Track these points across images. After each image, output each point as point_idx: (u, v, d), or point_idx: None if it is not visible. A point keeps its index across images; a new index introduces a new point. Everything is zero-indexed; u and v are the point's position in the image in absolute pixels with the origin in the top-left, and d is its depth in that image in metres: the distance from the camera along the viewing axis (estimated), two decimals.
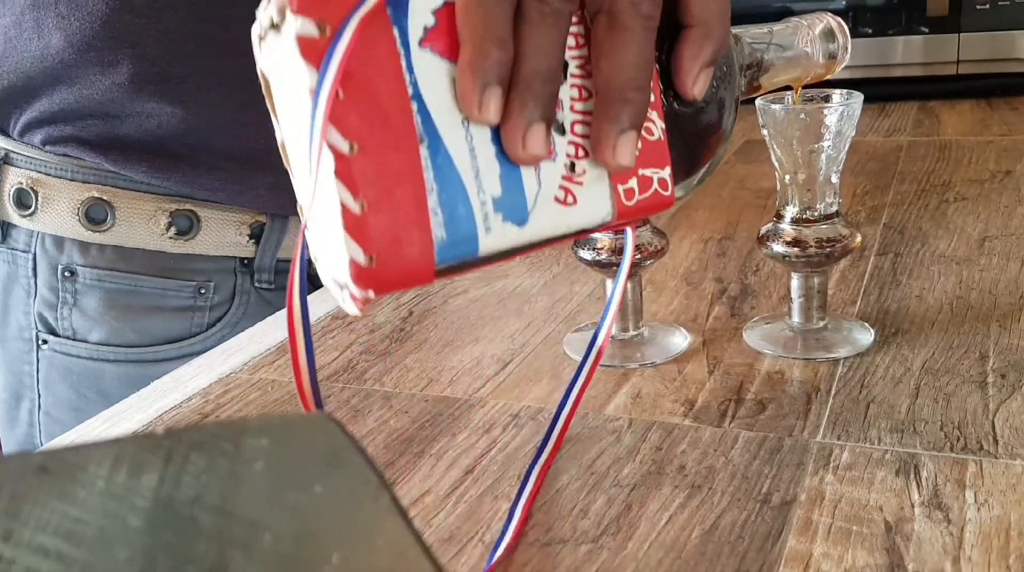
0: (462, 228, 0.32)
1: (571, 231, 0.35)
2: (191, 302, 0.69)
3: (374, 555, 0.19)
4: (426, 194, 0.31)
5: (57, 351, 0.69)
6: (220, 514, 0.19)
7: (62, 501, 0.18)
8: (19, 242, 0.68)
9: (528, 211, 0.33)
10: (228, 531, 0.19)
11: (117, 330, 0.68)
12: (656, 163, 0.36)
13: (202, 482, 0.19)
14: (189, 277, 0.69)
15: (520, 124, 0.32)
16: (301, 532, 0.19)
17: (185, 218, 0.67)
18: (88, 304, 0.68)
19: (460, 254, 0.32)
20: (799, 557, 0.35)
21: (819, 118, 0.47)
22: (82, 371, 0.69)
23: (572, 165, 0.34)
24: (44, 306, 0.69)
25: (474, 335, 0.58)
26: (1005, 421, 0.42)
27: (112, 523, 0.18)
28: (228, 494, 0.19)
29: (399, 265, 0.31)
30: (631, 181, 0.35)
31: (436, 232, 0.31)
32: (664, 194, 0.36)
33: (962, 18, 1.15)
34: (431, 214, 0.31)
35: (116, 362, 0.69)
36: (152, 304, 0.68)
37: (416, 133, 0.31)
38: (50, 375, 0.70)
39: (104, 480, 0.19)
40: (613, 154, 0.33)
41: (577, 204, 0.34)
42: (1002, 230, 0.68)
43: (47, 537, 0.18)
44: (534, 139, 0.32)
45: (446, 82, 0.31)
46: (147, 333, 0.68)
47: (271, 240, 0.71)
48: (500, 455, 0.44)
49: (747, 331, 0.54)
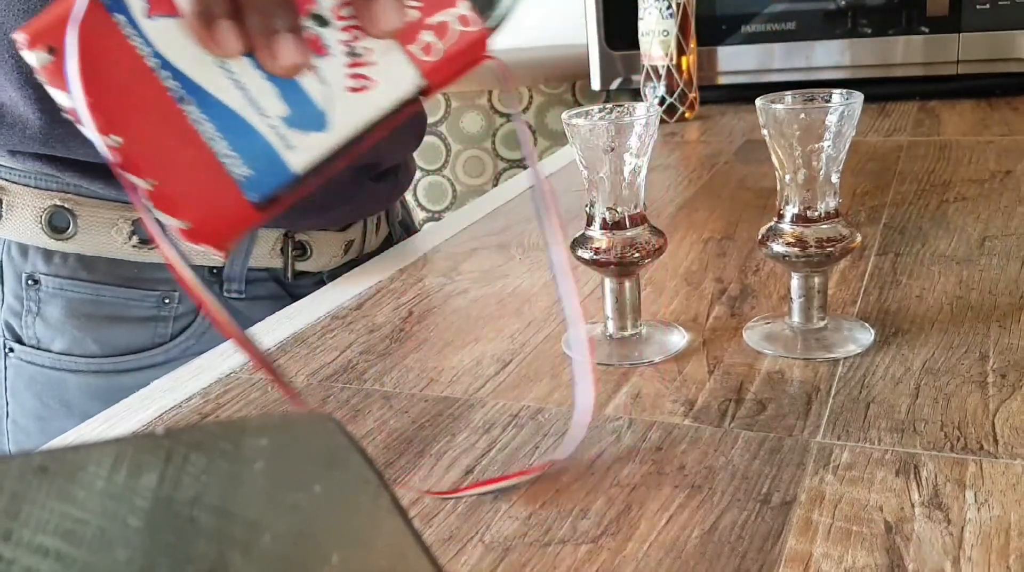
0: (264, 158, 0.33)
1: (388, 111, 0.35)
2: (154, 312, 0.68)
3: (374, 555, 0.19)
4: (209, 146, 0.33)
5: (23, 360, 0.69)
6: (220, 514, 0.19)
7: (62, 501, 0.18)
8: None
9: (324, 113, 0.34)
10: (228, 531, 0.19)
11: (78, 340, 0.67)
12: (444, 5, 0.35)
13: (202, 482, 0.19)
14: (152, 286, 0.68)
15: (263, 43, 0.32)
16: (301, 532, 0.19)
17: None
18: (51, 313, 0.67)
19: (276, 182, 0.34)
20: (799, 557, 0.35)
21: (819, 118, 0.47)
22: (45, 380, 0.68)
23: (352, 51, 0.34)
24: (10, 314, 0.68)
25: (474, 335, 0.58)
26: (1005, 421, 0.42)
27: (112, 523, 0.18)
28: (228, 494, 0.19)
29: (217, 217, 0.33)
30: (421, 35, 0.34)
31: (239, 172, 0.33)
32: (471, 30, 0.35)
33: (962, 18, 1.15)
34: (225, 159, 0.33)
35: (77, 372, 0.68)
36: (114, 314, 0.67)
37: (174, 98, 0.33)
38: (16, 383, 0.70)
39: (104, 480, 0.19)
40: (377, 23, 0.33)
41: (378, 84, 0.34)
42: (1002, 230, 0.68)
43: (47, 537, 0.18)
44: (283, 50, 0.32)
45: (185, 39, 0.32)
46: (108, 343, 0.68)
47: (239, 250, 0.70)
48: (500, 455, 0.44)
49: (747, 331, 0.54)
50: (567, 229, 0.77)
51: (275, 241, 0.71)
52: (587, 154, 0.50)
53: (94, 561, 0.18)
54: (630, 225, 0.51)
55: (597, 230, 0.52)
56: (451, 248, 0.77)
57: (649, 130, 0.50)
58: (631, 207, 0.51)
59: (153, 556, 0.18)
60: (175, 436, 0.20)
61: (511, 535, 0.38)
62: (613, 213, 0.51)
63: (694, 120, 1.22)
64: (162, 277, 0.68)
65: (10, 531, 0.18)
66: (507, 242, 0.76)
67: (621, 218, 0.51)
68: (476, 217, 0.85)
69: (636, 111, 0.51)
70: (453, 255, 0.75)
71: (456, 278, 0.69)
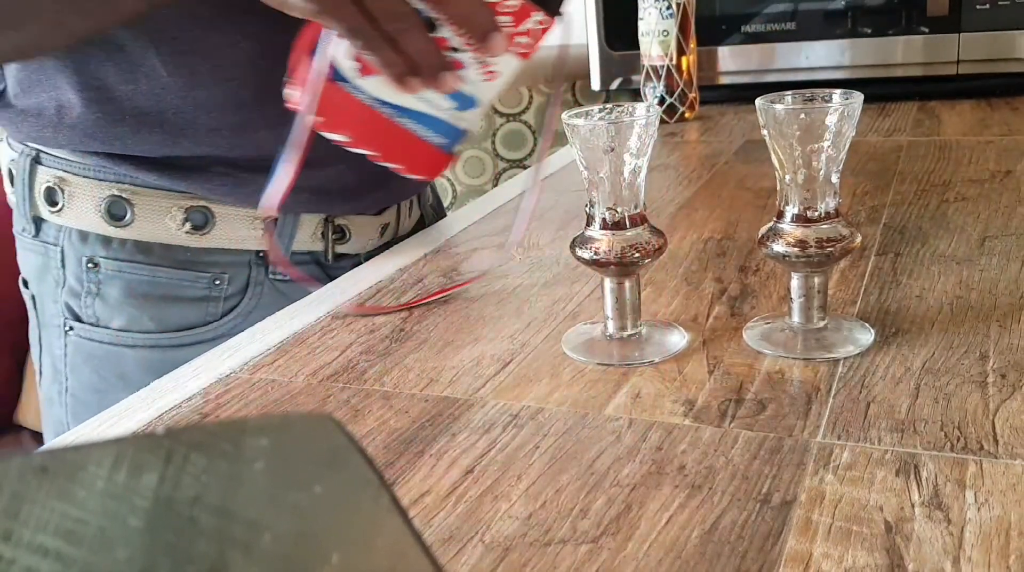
0: (446, 131, 0.59)
1: (511, 80, 0.59)
2: (206, 292, 0.72)
3: (374, 555, 0.19)
4: (413, 132, 0.58)
5: (82, 337, 0.73)
6: (220, 514, 0.19)
7: (62, 501, 0.18)
8: (49, 236, 0.72)
9: (473, 97, 0.58)
10: (228, 531, 0.19)
11: (136, 318, 0.72)
12: (524, 16, 0.56)
13: (202, 482, 0.19)
14: (204, 269, 0.72)
15: (433, 79, 0.53)
16: (301, 532, 0.19)
17: (200, 214, 0.71)
18: (110, 293, 0.71)
19: (457, 140, 0.60)
20: (799, 557, 0.35)
21: (819, 118, 0.47)
22: (104, 355, 0.73)
23: (479, 60, 0.56)
24: (70, 295, 0.72)
25: (474, 335, 0.58)
26: (1005, 421, 0.42)
27: (112, 523, 0.18)
28: (228, 494, 0.19)
29: (425, 163, 0.60)
30: (517, 39, 0.56)
31: (435, 142, 0.59)
32: (544, 26, 0.57)
33: (962, 18, 1.16)
34: (425, 137, 0.59)
35: (135, 347, 0.72)
36: (169, 293, 0.71)
37: (384, 115, 0.57)
38: (75, 359, 0.74)
39: (104, 480, 0.19)
40: (493, 51, 0.53)
41: (499, 73, 0.58)
42: (1002, 230, 0.68)
43: (47, 537, 0.18)
44: (445, 80, 0.54)
45: (386, 85, 0.55)
46: (164, 321, 0.72)
47: (284, 234, 0.74)
48: (500, 455, 0.44)
49: (747, 331, 0.54)
50: (567, 229, 0.78)
51: (316, 226, 0.75)
52: (587, 154, 0.50)
53: (94, 561, 0.18)
54: (630, 225, 0.51)
55: (597, 230, 0.52)
56: (451, 248, 0.77)
57: (649, 130, 0.50)
58: (631, 207, 0.51)
59: (153, 556, 0.18)
60: (175, 436, 0.20)
61: (511, 535, 0.38)
62: (613, 213, 0.51)
63: (694, 120, 1.22)
64: (213, 261, 0.72)
65: (10, 531, 0.18)
66: (507, 242, 0.76)
67: (621, 218, 0.51)
68: (476, 217, 0.85)
69: (636, 111, 0.51)
70: (453, 255, 0.75)
71: (456, 278, 0.69)
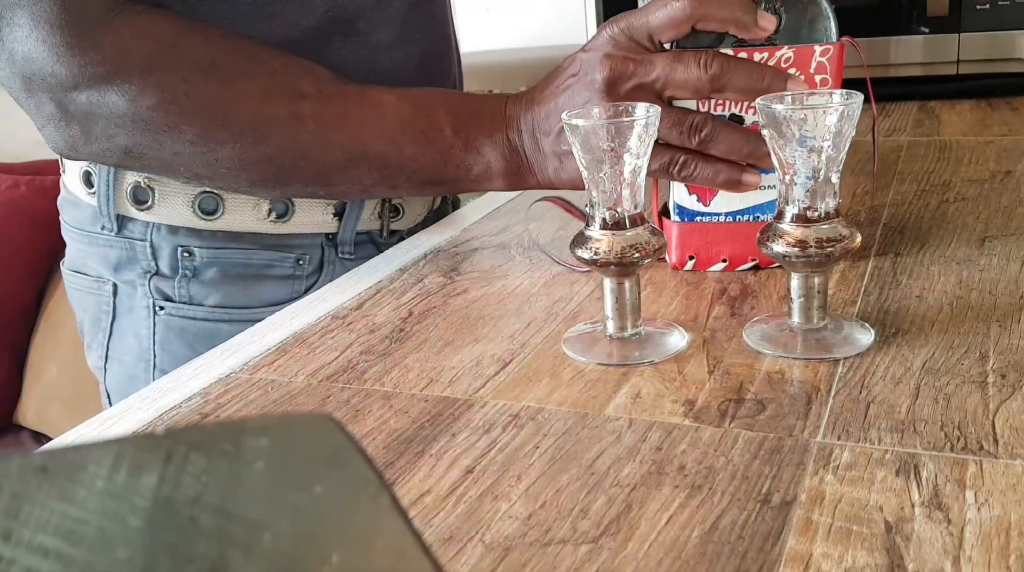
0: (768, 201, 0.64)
1: None
2: (291, 271, 0.79)
3: (374, 555, 0.19)
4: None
5: (174, 315, 0.78)
6: (220, 514, 0.19)
7: (62, 501, 0.18)
8: (135, 232, 0.77)
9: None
10: (228, 531, 0.19)
11: (231, 294, 0.78)
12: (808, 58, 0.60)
13: (202, 482, 0.19)
14: (289, 250, 0.78)
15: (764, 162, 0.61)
16: (301, 532, 0.19)
17: (282, 204, 0.76)
18: (206, 275, 0.77)
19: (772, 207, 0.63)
20: (799, 557, 0.35)
21: (819, 118, 0.47)
22: (198, 330, 0.78)
23: None
24: (160, 280, 0.78)
25: (474, 335, 0.58)
26: (1005, 421, 0.42)
27: (112, 523, 0.18)
28: (228, 494, 0.19)
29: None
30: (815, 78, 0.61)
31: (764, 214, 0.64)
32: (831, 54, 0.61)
33: (962, 18, 1.15)
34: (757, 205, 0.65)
35: (231, 322, 0.78)
36: (260, 273, 0.78)
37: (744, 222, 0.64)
38: (166, 336, 0.79)
39: (104, 480, 0.19)
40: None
41: None
42: (1002, 230, 0.68)
43: (47, 537, 0.18)
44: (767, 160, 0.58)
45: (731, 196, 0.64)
46: (256, 297, 0.78)
47: (351, 217, 0.79)
48: (500, 455, 0.44)
49: (747, 331, 0.54)
50: (567, 229, 0.78)
51: (375, 206, 0.81)
52: (587, 154, 0.50)
53: (94, 561, 0.18)
54: (630, 225, 0.51)
55: (597, 230, 0.52)
56: (451, 248, 0.77)
57: (649, 130, 0.50)
58: (631, 207, 0.51)
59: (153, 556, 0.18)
60: (175, 436, 0.20)
61: (511, 535, 0.38)
62: (613, 213, 0.51)
63: None
64: (296, 243, 0.78)
65: (10, 531, 0.18)
66: (507, 242, 0.76)
67: (621, 218, 0.51)
68: (476, 217, 0.85)
69: (636, 111, 0.51)
70: (453, 255, 0.75)
71: (456, 278, 0.69)
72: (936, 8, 1.16)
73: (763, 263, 0.64)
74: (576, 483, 0.41)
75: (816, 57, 0.59)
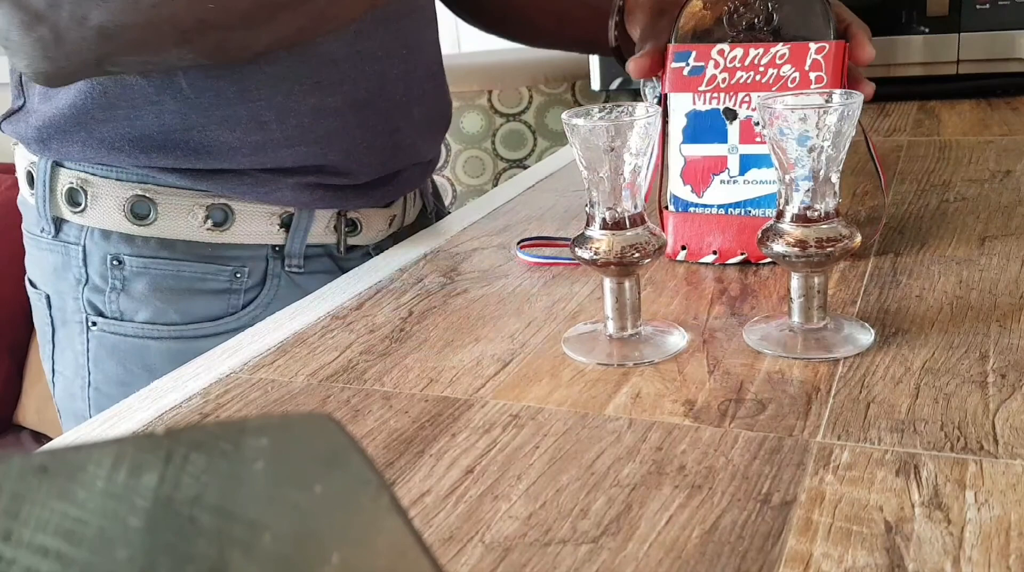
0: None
1: None
2: (228, 285, 0.75)
3: (374, 555, 0.19)
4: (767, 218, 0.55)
5: (105, 331, 0.75)
6: (220, 514, 0.19)
7: (62, 501, 0.18)
8: (70, 236, 0.74)
9: None
10: (228, 531, 0.19)
11: (161, 310, 0.74)
12: (803, 56, 0.63)
13: (202, 482, 0.19)
14: (226, 262, 0.75)
15: None
16: (301, 532, 0.19)
17: (220, 211, 0.73)
18: (135, 288, 0.74)
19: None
20: (799, 557, 0.35)
21: (819, 118, 0.47)
22: (128, 348, 0.75)
23: None
24: (93, 292, 0.75)
25: (474, 335, 0.58)
26: (1005, 421, 0.42)
27: (112, 523, 0.18)
28: (228, 494, 0.19)
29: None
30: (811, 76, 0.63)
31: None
32: (829, 52, 0.62)
33: (962, 18, 1.15)
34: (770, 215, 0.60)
35: (160, 339, 0.75)
36: (192, 287, 0.74)
37: (736, 215, 0.65)
38: (98, 353, 0.76)
39: (104, 480, 0.19)
40: None
41: None
42: (1002, 230, 0.68)
43: (47, 537, 0.18)
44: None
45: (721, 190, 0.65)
46: (188, 313, 0.75)
47: (300, 228, 0.76)
48: (500, 455, 0.44)
49: (747, 331, 0.54)
50: (567, 229, 0.78)
51: (329, 219, 0.78)
52: (587, 154, 0.50)
53: (94, 561, 0.18)
54: (630, 225, 0.51)
55: (597, 230, 0.52)
56: (451, 248, 0.77)
57: (649, 130, 0.50)
58: (631, 207, 0.51)
59: (153, 556, 0.18)
60: (175, 436, 0.20)
61: (511, 535, 0.38)
62: (613, 213, 0.51)
63: None
64: (233, 255, 0.75)
65: (10, 531, 0.18)
66: (507, 242, 0.76)
67: (621, 218, 0.51)
68: (476, 217, 0.85)
69: (636, 111, 0.51)
70: (453, 255, 0.75)
71: (456, 278, 0.69)
72: (936, 8, 1.16)
73: (753, 258, 0.64)
74: (576, 483, 0.41)
75: (811, 54, 0.60)
